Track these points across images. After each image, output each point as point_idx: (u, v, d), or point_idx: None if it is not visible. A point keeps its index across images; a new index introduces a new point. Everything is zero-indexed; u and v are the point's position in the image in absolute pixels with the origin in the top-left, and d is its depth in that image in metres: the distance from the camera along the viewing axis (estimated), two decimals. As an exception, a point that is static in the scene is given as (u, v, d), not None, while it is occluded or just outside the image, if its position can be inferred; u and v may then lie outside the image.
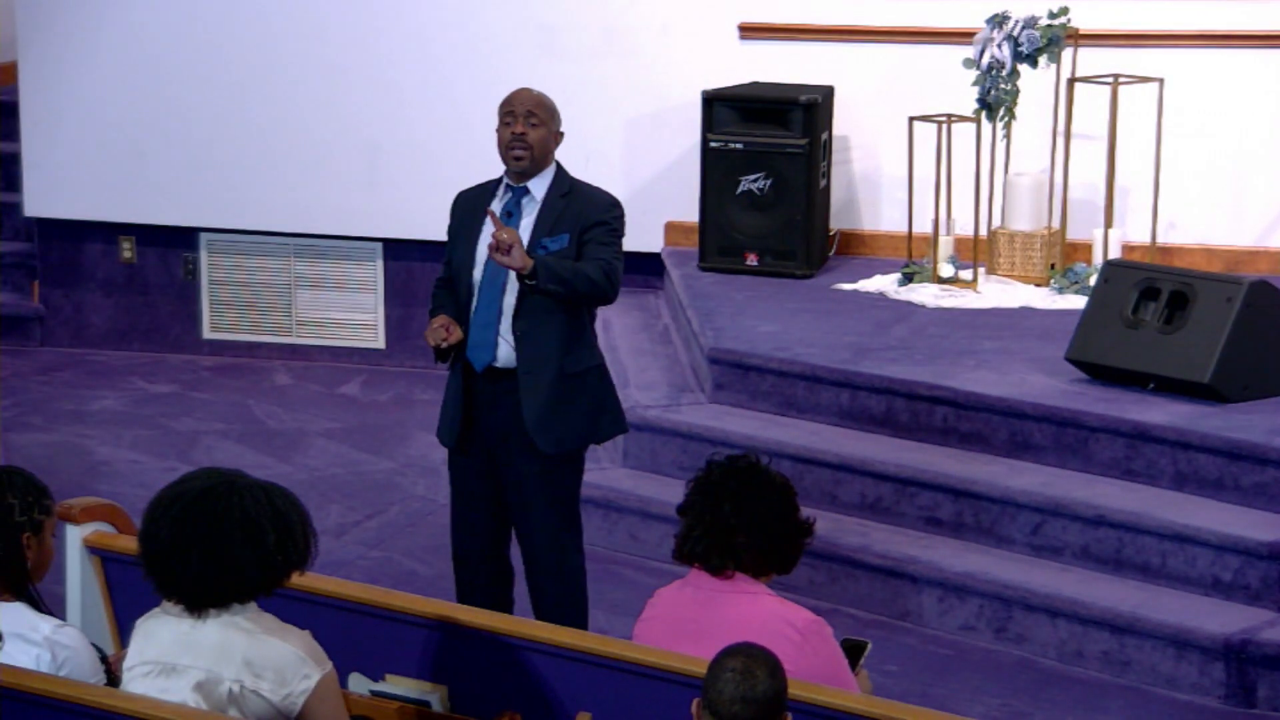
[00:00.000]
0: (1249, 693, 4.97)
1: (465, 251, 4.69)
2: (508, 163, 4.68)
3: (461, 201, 4.78)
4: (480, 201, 4.71)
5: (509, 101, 4.74)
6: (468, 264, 4.67)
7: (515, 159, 4.66)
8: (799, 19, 7.30)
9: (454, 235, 4.75)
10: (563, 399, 4.65)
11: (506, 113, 4.71)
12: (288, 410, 7.36)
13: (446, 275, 4.77)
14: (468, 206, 4.75)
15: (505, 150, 4.68)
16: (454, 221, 4.77)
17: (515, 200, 4.69)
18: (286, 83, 7.70)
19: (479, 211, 4.67)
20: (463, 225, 4.74)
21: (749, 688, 3.02)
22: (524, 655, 3.63)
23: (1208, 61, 6.96)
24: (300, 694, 3.26)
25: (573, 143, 7.53)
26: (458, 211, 4.78)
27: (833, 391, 6.11)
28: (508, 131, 4.68)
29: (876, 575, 5.59)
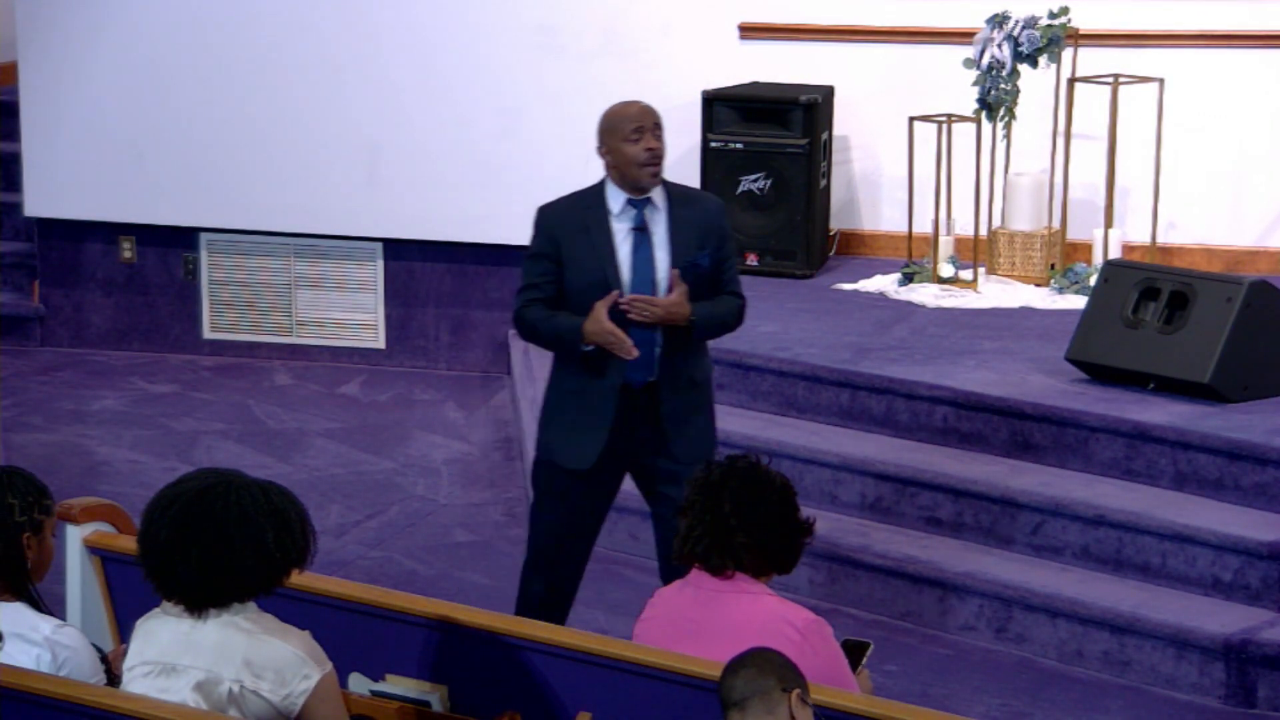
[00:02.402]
0: (1249, 693, 4.97)
1: (595, 271, 4.53)
2: (640, 179, 4.55)
3: (557, 220, 4.59)
4: (583, 218, 4.55)
5: (635, 117, 4.58)
6: (601, 283, 4.52)
7: (652, 175, 4.56)
8: (799, 19, 7.31)
9: (565, 256, 4.56)
10: (694, 407, 4.66)
11: (635, 129, 4.55)
12: (288, 410, 7.36)
13: (544, 295, 4.58)
14: (569, 224, 4.57)
15: (638, 166, 4.54)
16: (552, 242, 4.57)
17: (640, 214, 4.58)
18: (286, 83, 7.70)
19: (591, 229, 4.54)
20: (575, 245, 4.55)
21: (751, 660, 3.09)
22: (524, 655, 3.63)
23: (1208, 61, 6.96)
24: (300, 694, 3.26)
25: (573, 143, 7.58)
26: (557, 231, 4.58)
27: (833, 391, 6.10)
28: (639, 147, 4.54)
29: (876, 575, 5.58)
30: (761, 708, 3.03)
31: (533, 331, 4.61)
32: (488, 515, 6.41)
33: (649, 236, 4.56)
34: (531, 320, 4.59)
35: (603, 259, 4.54)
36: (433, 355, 7.85)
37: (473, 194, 7.67)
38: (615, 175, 4.58)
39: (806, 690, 3.10)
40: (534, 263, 4.60)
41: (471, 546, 6.15)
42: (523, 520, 6.34)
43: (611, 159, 4.58)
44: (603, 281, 4.52)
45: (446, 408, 7.43)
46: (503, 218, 7.67)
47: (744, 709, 3.03)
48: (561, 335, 4.56)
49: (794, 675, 3.09)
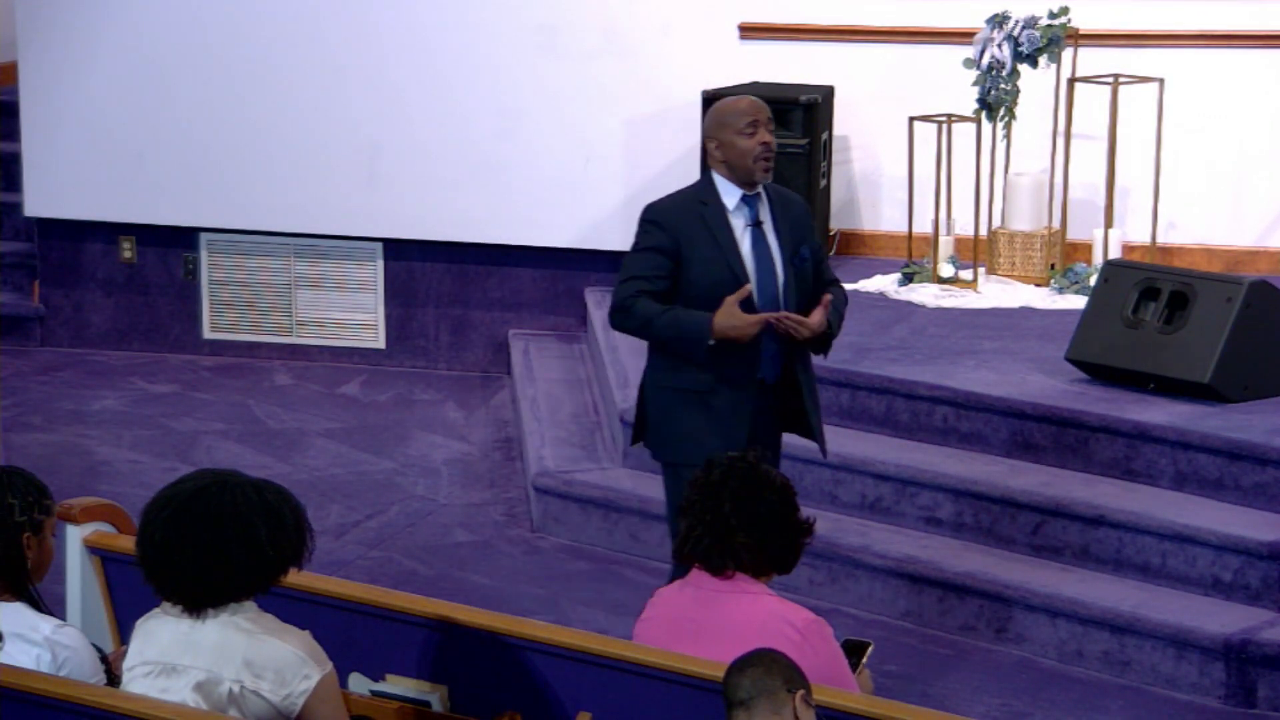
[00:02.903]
0: (1249, 693, 4.96)
1: (721, 268, 4.48)
2: (754, 172, 4.51)
3: (677, 217, 4.52)
4: (701, 214, 4.50)
5: (749, 110, 4.52)
6: (729, 279, 4.47)
7: (765, 169, 4.52)
8: (799, 19, 7.31)
9: (687, 254, 4.49)
10: (815, 401, 4.69)
11: (749, 122, 4.50)
12: (288, 410, 7.36)
13: (653, 289, 4.49)
14: (689, 222, 4.50)
15: (752, 160, 4.49)
16: (672, 239, 4.49)
17: (755, 209, 4.55)
18: (286, 83, 7.70)
19: (711, 226, 4.49)
20: (698, 242, 4.49)
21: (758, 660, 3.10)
22: (524, 655, 3.62)
23: (1208, 62, 6.97)
24: (300, 694, 3.26)
25: (573, 143, 7.59)
26: (679, 228, 4.50)
27: (833, 391, 6.10)
28: (754, 141, 4.49)
29: (876, 575, 5.58)
30: (767, 707, 3.03)
31: (643, 324, 4.50)
32: (488, 515, 6.40)
33: (764, 231, 4.55)
34: (643, 313, 4.48)
35: (728, 255, 4.49)
36: (432, 355, 7.85)
37: (472, 194, 7.67)
38: (724, 170, 4.52)
39: (810, 691, 3.11)
40: (646, 256, 4.50)
41: (471, 546, 6.15)
42: (523, 520, 6.35)
43: (722, 153, 4.52)
44: (730, 278, 4.46)
45: (446, 408, 7.43)
46: (503, 218, 7.68)
47: (750, 708, 3.04)
48: (684, 330, 4.46)
49: (799, 676, 3.10)
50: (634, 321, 4.51)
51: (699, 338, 4.45)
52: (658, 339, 4.53)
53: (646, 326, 4.50)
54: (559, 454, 6.45)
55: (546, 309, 7.73)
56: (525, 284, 7.75)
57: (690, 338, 4.47)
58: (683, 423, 4.55)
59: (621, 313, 4.53)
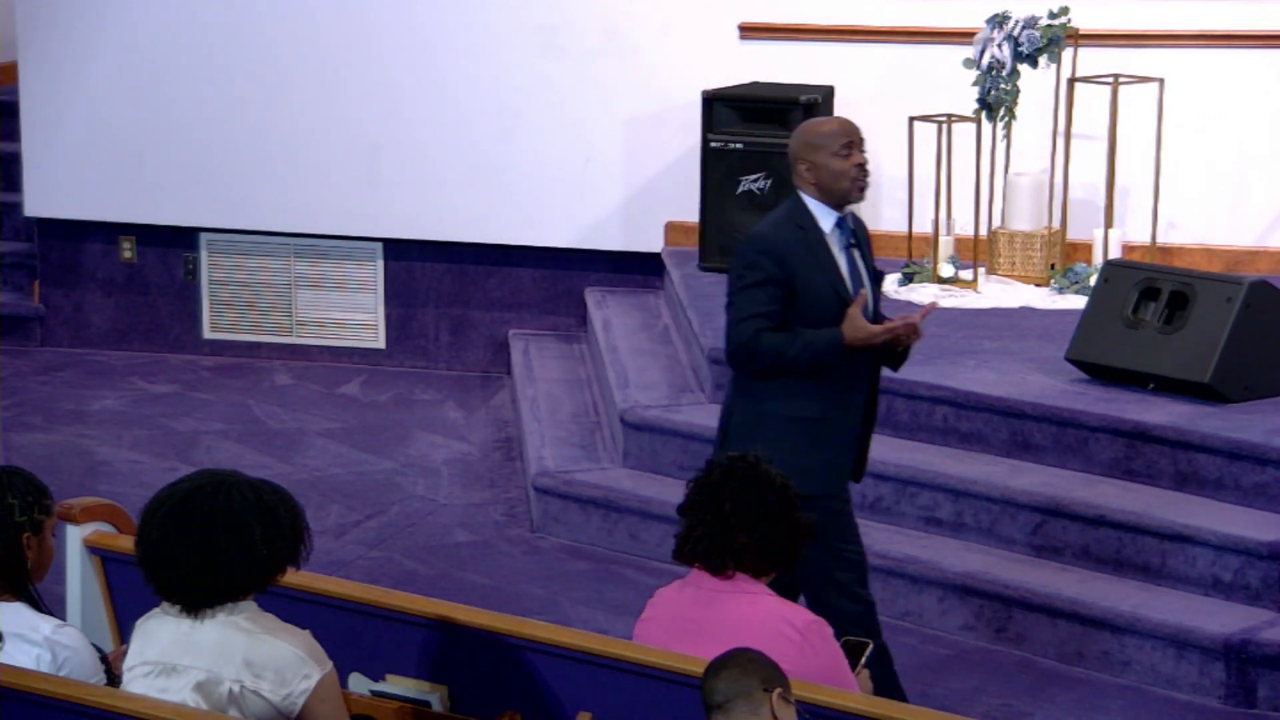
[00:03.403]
0: (1249, 693, 4.96)
1: (828, 292, 4.43)
2: (850, 194, 4.47)
3: (784, 245, 4.44)
4: (803, 239, 4.44)
5: (844, 131, 4.49)
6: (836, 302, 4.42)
7: (861, 191, 4.49)
8: (799, 19, 7.30)
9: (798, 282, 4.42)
10: None
11: (844, 144, 4.46)
12: (288, 410, 7.36)
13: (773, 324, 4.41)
14: (795, 249, 4.44)
15: (849, 181, 4.46)
16: (783, 268, 4.42)
17: (847, 231, 4.51)
18: (286, 83, 7.70)
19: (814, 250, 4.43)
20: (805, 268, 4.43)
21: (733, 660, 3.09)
22: (524, 655, 3.62)
23: (1208, 62, 6.96)
24: (300, 694, 3.26)
25: (573, 143, 7.59)
26: (788, 257, 4.43)
27: (833, 391, 6.10)
28: (850, 163, 4.45)
29: (877, 575, 5.56)
30: (745, 708, 3.03)
31: (774, 358, 4.40)
32: (488, 515, 6.40)
33: (854, 252, 4.50)
34: (773, 347, 4.40)
35: (833, 278, 4.44)
36: (432, 355, 7.85)
37: (473, 194, 7.67)
38: (815, 192, 4.46)
39: (788, 688, 3.10)
40: (761, 290, 4.41)
41: (471, 546, 6.14)
42: (523, 519, 6.35)
43: (814, 175, 4.45)
44: (835, 301, 4.42)
45: (446, 408, 7.43)
46: (503, 217, 7.68)
47: (727, 711, 3.03)
48: (819, 352, 4.39)
49: (775, 674, 3.08)
50: (763, 360, 4.41)
51: (834, 355, 4.40)
52: (791, 368, 4.42)
53: (778, 360, 4.40)
54: (559, 454, 6.44)
55: (546, 309, 7.72)
56: (525, 284, 7.74)
57: (826, 359, 4.40)
58: (789, 452, 4.36)
59: (746, 353, 4.42)
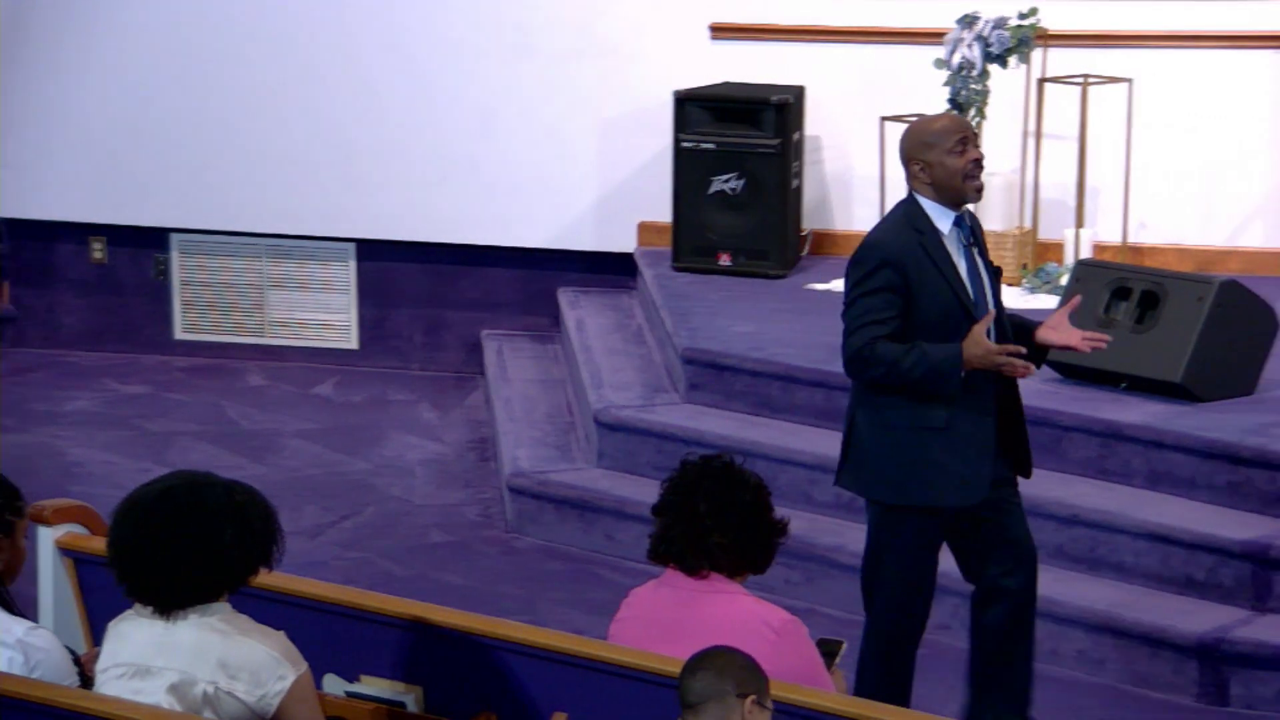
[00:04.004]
0: (1222, 691, 4.98)
1: (948, 297, 4.31)
2: (965, 191, 4.34)
3: (901, 251, 4.31)
4: (921, 243, 4.32)
5: (957, 128, 4.37)
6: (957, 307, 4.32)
7: (977, 188, 4.36)
8: (770, 19, 7.32)
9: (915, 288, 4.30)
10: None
11: (958, 140, 4.33)
12: (262, 411, 7.34)
13: (889, 332, 4.29)
14: (912, 254, 4.31)
15: (963, 179, 4.32)
16: (900, 274, 4.30)
17: (965, 230, 4.38)
18: (260, 83, 7.68)
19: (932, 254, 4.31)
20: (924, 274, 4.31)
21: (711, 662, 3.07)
22: (500, 655, 3.63)
23: (1177, 62, 7.00)
24: (275, 695, 3.26)
25: (546, 142, 7.59)
26: (906, 263, 4.30)
27: (808, 391, 6.11)
28: (965, 159, 4.32)
29: (852, 575, 5.51)
30: (716, 712, 3.02)
31: (889, 369, 4.27)
32: (463, 516, 6.39)
33: (973, 251, 4.38)
34: (886, 357, 4.27)
35: (953, 283, 4.32)
36: (406, 356, 7.84)
37: (446, 194, 7.67)
38: (931, 192, 4.35)
39: (766, 693, 3.08)
40: (878, 298, 4.29)
41: (447, 547, 6.13)
42: (498, 520, 6.35)
43: (929, 174, 4.33)
44: (957, 305, 4.31)
45: (421, 408, 7.42)
46: (478, 217, 7.68)
47: (698, 712, 3.03)
48: (938, 366, 4.25)
49: (752, 678, 3.06)
50: (878, 369, 4.29)
51: (953, 372, 4.26)
52: (905, 381, 4.29)
53: (893, 370, 4.27)
54: (534, 454, 6.44)
55: (520, 309, 7.72)
56: (499, 284, 7.74)
57: (944, 372, 4.26)
58: (916, 463, 4.33)
59: (861, 362, 4.32)
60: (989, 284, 4.40)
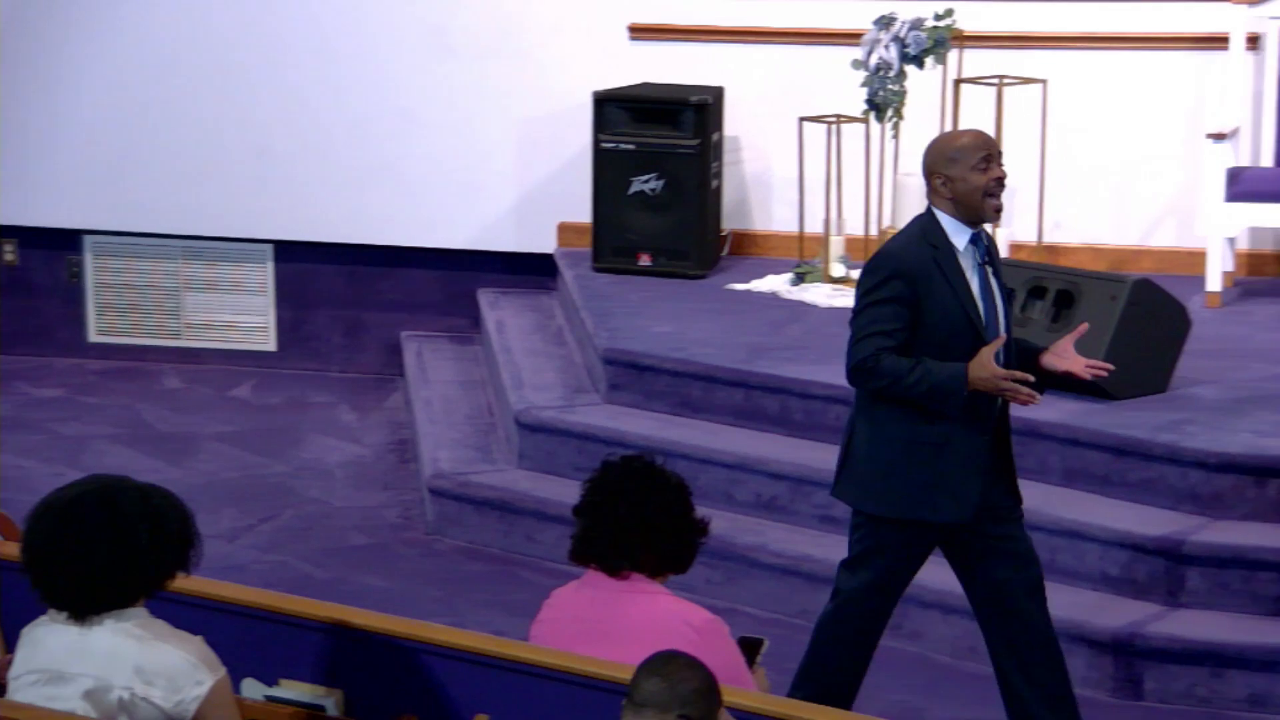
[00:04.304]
0: (1136, 685, 5.04)
1: (958, 314, 4.29)
2: (985, 209, 4.32)
3: (913, 264, 4.28)
4: (934, 258, 4.29)
5: (982, 144, 4.35)
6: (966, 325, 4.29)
7: (996, 208, 4.35)
8: (688, 20, 7.34)
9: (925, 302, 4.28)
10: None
11: (982, 157, 4.32)
12: (178, 414, 7.29)
13: (896, 344, 4.27)
14: (924, 267, 4.29)
15: (983, 196, 4.30)
16: (910, 287, 4.27)
17: (981, 249, 4.35)
18: (175, 83, 7.63)
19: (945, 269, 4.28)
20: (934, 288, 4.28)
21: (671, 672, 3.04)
22: (421, 658, 3.63)
23: (1091, 63, 7.08)
24: (192, 700, 3.25)
25: (466, 144, 7.58)
26: (917, 276, 4.28)
27: (728, 391, 6.14)
28: (988, 177, 4.31)
29: (773, 574, 5.62)
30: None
31: (892, 381, 4.25)
32: (383, 518, 6.38)
33: (988, 270, 4.36)
34: (890, 370, 4.25)
35: (964, 300, 4.29)
36: (325, 358, 7.81)
37: (365, 195, 7.64)
38: (950, 207, 4.33)
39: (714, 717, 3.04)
40: (886, 309, 4.27)
41: (367, 549, 6.12)
42: (418, 522, 6.34)
43: (950, 189, 4.31)
44: (966, 323, 4.29)
45: (340, 410, 7.40)
46: (397, 219, 7.66)
47: (637, 713, 3.02)
48: (940, 385, 4.23)
49: (702, 702, 3.02)
50: (880, 380, 4.26)
51: (956, 392, 4.24)
52: (907, 396, 4.28)
53: (895, 384, 4.25)
54: (454, 456, 6.44)
55: (440, 310, 7.71)
56: (419, 285, 7.72)
57: (946, 391, 4.24)
58: (911, 477, 4.33)
59: (864, 372, 4.28)
60: (1001, 306, 4.39)
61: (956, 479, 4.33)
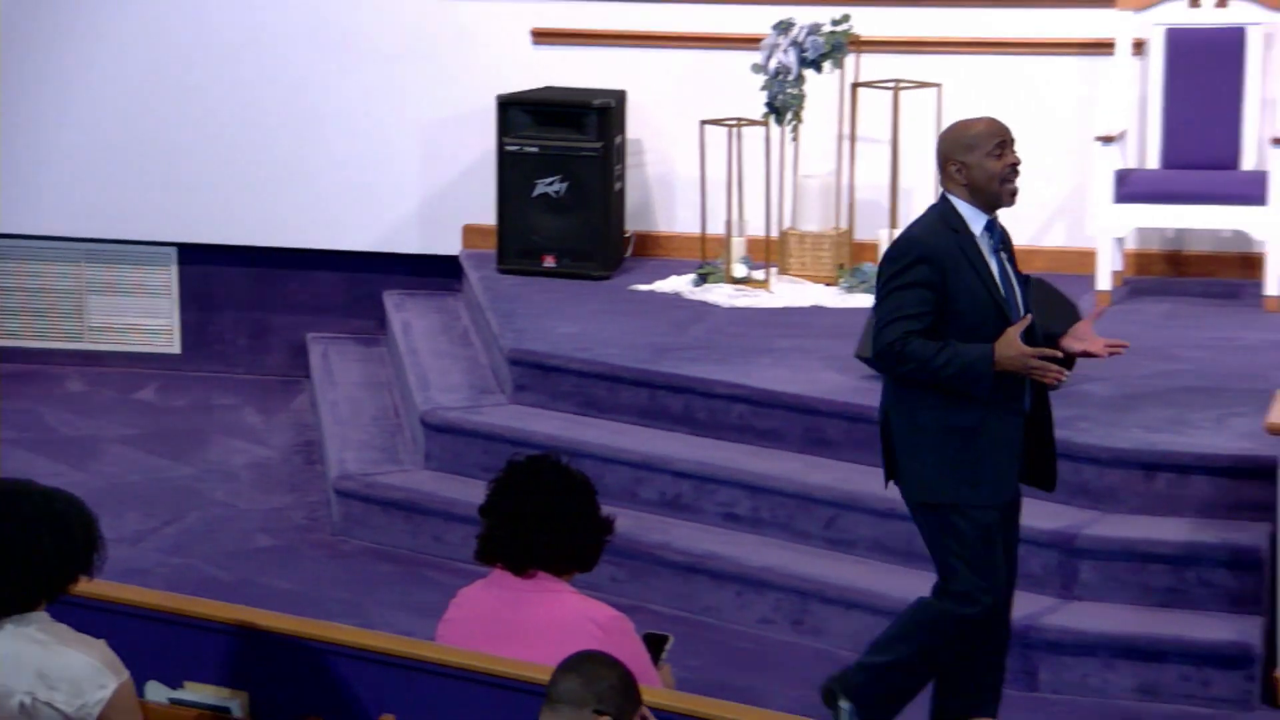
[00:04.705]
0: (1031, 676, 5.12)
1: (984, 298, 4.31)
2: (1002, 195, 4.36)
3: (939, 248, 4.30)
4: (958, 243, 4.31)
5: (996, 131, 4.38)
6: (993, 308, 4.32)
7: (1012, 193, 4.38)
8: (591, 25, 7.36)
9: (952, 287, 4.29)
10: None
11: (997, 144, 4.36)
12: (82, 417, 7.24)
13: (923, 327, 4.27)
14: (950, 252, 4.30)
15: (1000, 183, 4.35)
16: (938, 271, 4.28)
17: (996, 234, 4.38)
18: (78, 85, 7.58)
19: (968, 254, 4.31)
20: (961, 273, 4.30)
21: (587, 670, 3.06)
22: (327, 658, 3.63)
23: (984, 67, 7.16)
24: (96, 704, 3.23)
25: (371, 147, 7.58)
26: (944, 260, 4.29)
27: (632, 391, 6.17)
28: (1003, 163, 4.36)
29: (677, 571, 5.66)
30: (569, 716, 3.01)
31: (920, 365, 4.25)
32: (289, 519, 6.37)
33: (1003, 257, 4.39)
34: (918, 354, 4.24)
35: (987, 282, 4.32)
36: (231, 360, 7.78)
37: (271, 198, 7.63)
38: (966, 194, 4.36)
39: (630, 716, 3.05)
40: (913, 292, 4.26)
41: (273, 551, 6.11)
42: (325, 523, 6.34)
43: (965, 176, 4.35)
44: (992, 304, 4.31)
45: (245, 412, 7.38)
46: (302, 221, 7.65)
47: (555, 712, 3.03)
48: (969, 366, 4.23)
49: (618, 699, 3.03)
50: (909, 364, 4.26)
51: (984, 372, 4.24)
52: (936, 379, 4.27)
53: (924, 367, 4.25)
54: (360, 457, 6.44)
55: (346, 312, 7.71)
56: (325, 288, 7.72)
57: (975, 372, 4.24)
58: (952, 463, 4.32)
59: (893, 356, 4.28)
60: (1019, 290, 4.40)
61: (993, 462, 4.32)
